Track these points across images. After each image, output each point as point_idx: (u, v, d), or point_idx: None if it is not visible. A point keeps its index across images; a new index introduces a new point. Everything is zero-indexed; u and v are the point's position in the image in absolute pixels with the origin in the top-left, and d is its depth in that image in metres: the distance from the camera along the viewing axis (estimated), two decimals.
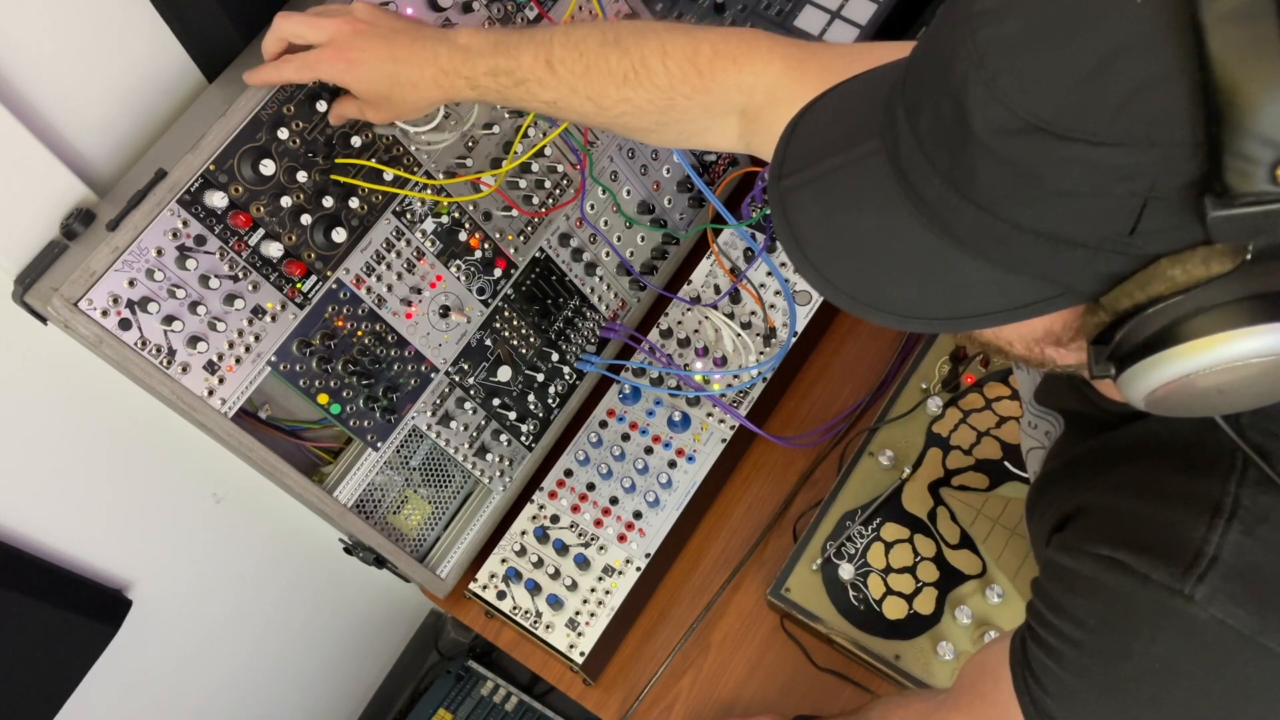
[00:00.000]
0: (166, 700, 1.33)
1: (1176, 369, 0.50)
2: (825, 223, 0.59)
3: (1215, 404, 0.53)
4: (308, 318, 1.04)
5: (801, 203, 0.60)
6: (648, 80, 0.86)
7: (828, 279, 0.59)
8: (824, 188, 0.59)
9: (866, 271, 0.58)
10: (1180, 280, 0.49)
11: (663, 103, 0.87)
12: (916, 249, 0.54)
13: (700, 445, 1.27)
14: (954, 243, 0.53)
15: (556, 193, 1.23)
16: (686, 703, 1.20)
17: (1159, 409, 0.54)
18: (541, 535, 1.24)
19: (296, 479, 1.06)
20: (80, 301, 0.88)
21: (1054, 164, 0.48)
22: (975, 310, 0.55)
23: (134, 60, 0.96)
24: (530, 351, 1.25)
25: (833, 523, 1.20)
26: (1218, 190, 0.45)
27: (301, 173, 1.00)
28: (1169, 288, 0.49)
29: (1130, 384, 0.53)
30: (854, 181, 0.57)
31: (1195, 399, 0.52)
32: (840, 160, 0.58)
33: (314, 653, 1.60)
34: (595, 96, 0.88)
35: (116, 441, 1.09)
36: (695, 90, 0.86)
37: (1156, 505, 0.61)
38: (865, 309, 0.58)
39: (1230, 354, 0.49)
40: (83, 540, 1.08)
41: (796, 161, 0.61)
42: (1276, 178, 0.44)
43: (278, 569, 1.41)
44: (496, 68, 0.89)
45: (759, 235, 1.35)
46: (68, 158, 0.91)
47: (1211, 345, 0.49)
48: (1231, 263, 0.48)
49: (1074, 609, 0.64)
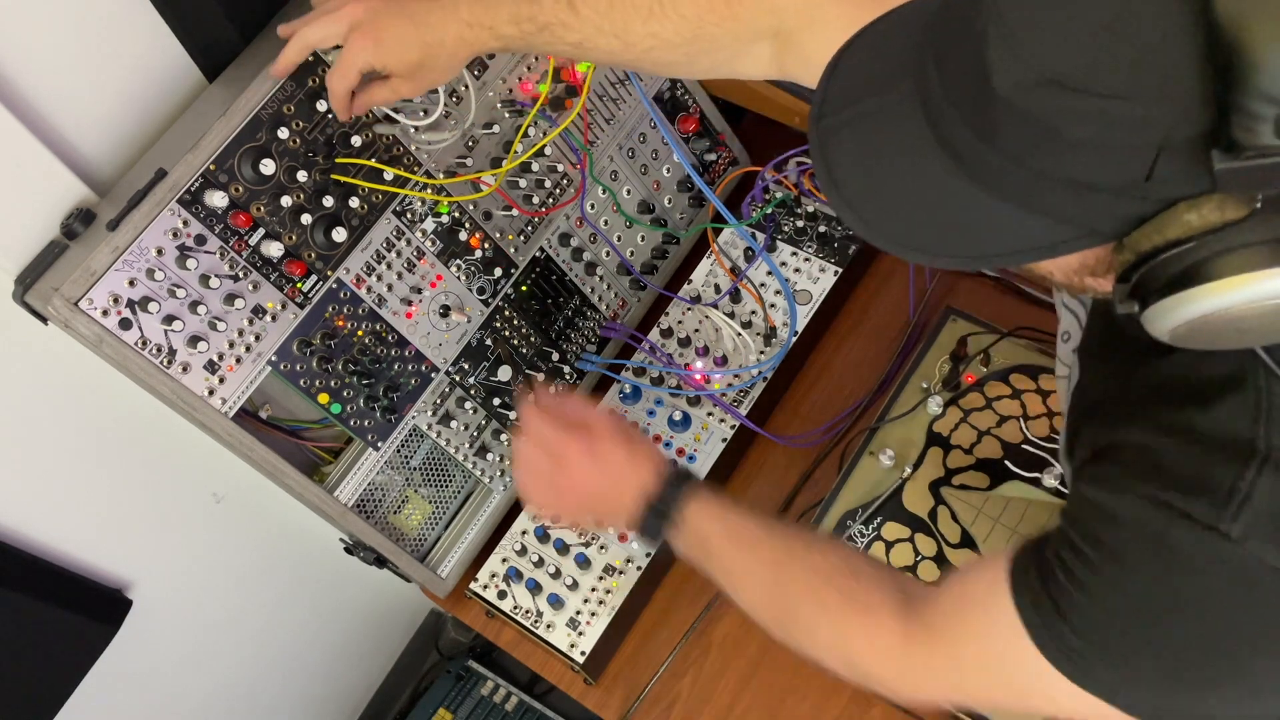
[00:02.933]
0: (166, 700, 1.33)
1: (1195, 308, 0.53)
2: (861, 164, 0.61)
3: (1234, 339, 0.56)
4: (308, 317, 1.04)
5: (840, 144, 0.61)
6: (674, 12, 0.85)
7: (864, 219, 0.61)
8: (861, 130, 0.61)
9: (900, 212, 0.60)
10: (1196, 225, 0.51)
11: (690, 33, 0.86)
12: (947, 192, 0.57)
13: (701, 445, 1.27)
14: (982, 188, 0.55)
15: (557, 192, 1.23)
16: (687, 702, 1.20)
17: (1182, 343, 0.57)
18: (542, 534, 1.24)
19: (297, 479, 1.06)
20: (81, 301, 0.88)
21: (1071, 116, 0.50)
22: (1004, 249, 0.58)
23: (134, 60, 0.96)
24: (530, 351, 1.25)
25: (833, 522, 1.20)
26: (1224, 144, 0.47)
27: (302, 172, 1.00)
28: (1185, 231, 0.52)
29: (1154, 320, 0.56)
30: (888, 125, 0.59)
31: (1215, 334, 0.55)
32: (876, 104, 0.60)
33: (314, 652, 1.60)
34: (621, 33, 0.87)
35: (117, 441, 1.09)
36: (723, 18, 0.85)
37: (1191, 445, 0.62)
38: (899, 248, 0.61)
39: (1245, 295, 0.52)
40: (83, 540, 1.08)
41: (835, 103, 0.62)
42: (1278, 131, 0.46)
43: (278, 569, 1.41)
44: (518, 14, 0.88)
45: (759, 235, 1.35)
46: (68, 158, 0.91)
47: (1230, 286, 0.52)
48: (1244, 210, 0.50)
49: (1112, 543, 0.64)
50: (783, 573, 0.88)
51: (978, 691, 0.81)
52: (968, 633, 0.76)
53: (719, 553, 0.91)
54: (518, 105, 1.16)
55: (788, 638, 0.88)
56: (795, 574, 0.88)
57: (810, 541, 0.90)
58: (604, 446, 0.93)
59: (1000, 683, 0.75)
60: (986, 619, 0.73)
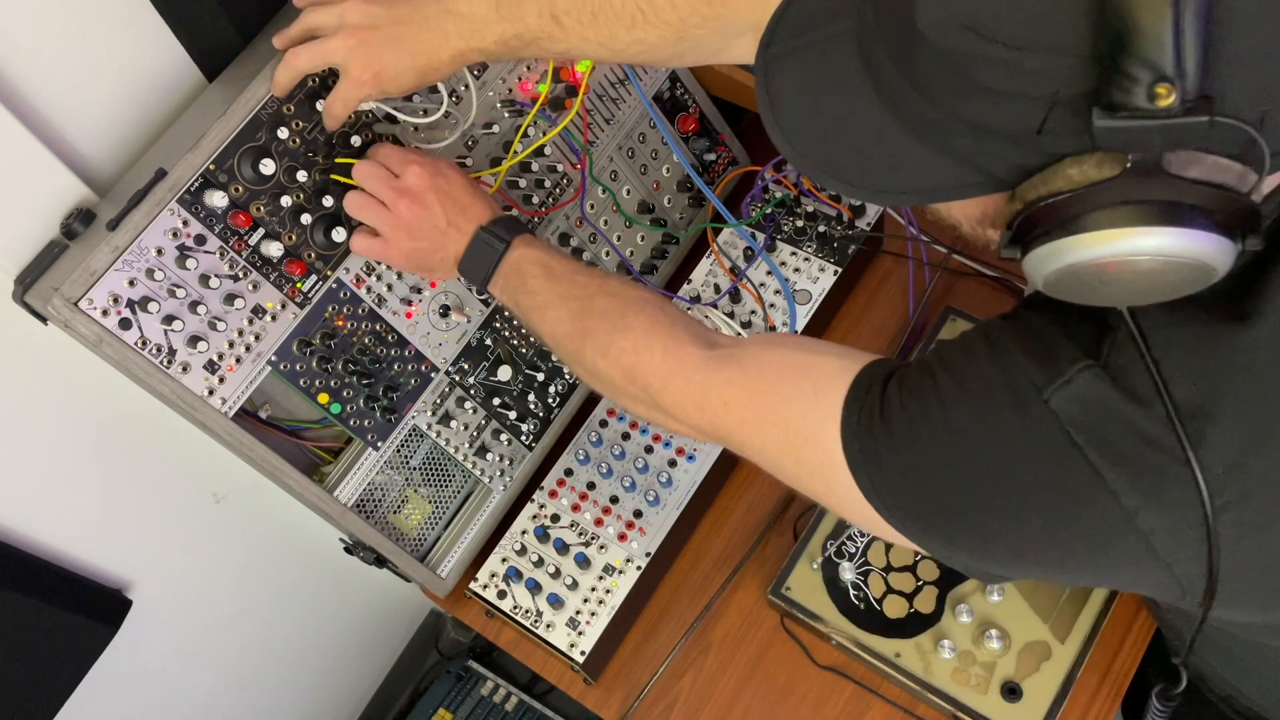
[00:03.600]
0: (166, 700, 1.33)
1: (1061, 259, 0.57)
2: (798, 93, 0.65)
3: (1099, 294, 0.59)
4: (308, 317, 1.04)
5: (782, 72, 0.66)
6: (656, 18, 0.87)
7: (794, 145, 0.65)
8: (801, 60, 0.65)
9: (828, 140, 0.64)
10: (1076, 179, 0.54)
11: (674, 36, 0.87)
12: (870, 125, 0.61)
13: (701, 444, 1.27)
14: (901, 123, 0.60)
15: (556, 192, 1.23)
16: (687, 702, 1.20)
17: (1053, 292, 0.60)
18: (542, 534, 1.24)
19: (297, 479, 1.06)
20: (80, 301, 0.88)
21: (979, 62, 0.53)
22: (913, 187, 0.62)
23: (134, 60, 0.96)
24: (530, 351, 1.25)
25: (833, 521, 1.20)
26: (1104, 102, 0.50)
27: (301, 172, 1.00)
28: (1066, 185, 0.55)
29: (1030, 268, 0.59)
30: (826, 56, 0.63)
31: (1081, 286, 0.59)
32: (818, 34, 0.64)
33: (314, 652, 1.60)
34: (607, 42, 0.89)
35: (116, 441, 1.09)
36: (706, 19, 0.86)
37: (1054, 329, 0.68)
38: (824, 175, 0.65)
39: (1100, 252, 0.55)
40: (83, 540, 1.08)
41: (784, 31, 0.67)
42: (1152, 96, 0.49)
43: (278, 569, 1.41)
44: (504, 35, 0.90)
45: (759, 234, 1.35)
46: (68, 157, 0.91)
47: (1089, 241, 0.55)
48: (1116, 169, 0.53)
49: (965, 373, 0.71)
50: (596, 301, 0.94)
51: (752, 438, 0.85)
52: (772, 393, 0.81)
53: (535, 288, 0.97)
54: (517, 105, 1.16)
55: (579, 354, 0.94)
56: (609, 302, 0.94)
57: (633, 283, 0.99)
58: (448, 178, 0.99)
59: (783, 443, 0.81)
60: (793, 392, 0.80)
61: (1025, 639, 1.11)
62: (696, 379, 0.87)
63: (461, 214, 1.00)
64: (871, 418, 0.74)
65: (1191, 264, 0.55)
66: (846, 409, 0.76)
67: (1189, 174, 0.53)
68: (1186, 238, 0.54)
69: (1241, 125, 0.50)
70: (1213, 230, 0.54)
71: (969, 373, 0.70)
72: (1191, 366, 0.62)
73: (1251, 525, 0.64)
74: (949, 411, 0.70)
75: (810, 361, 0.82)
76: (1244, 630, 0.80)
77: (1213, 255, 0.55)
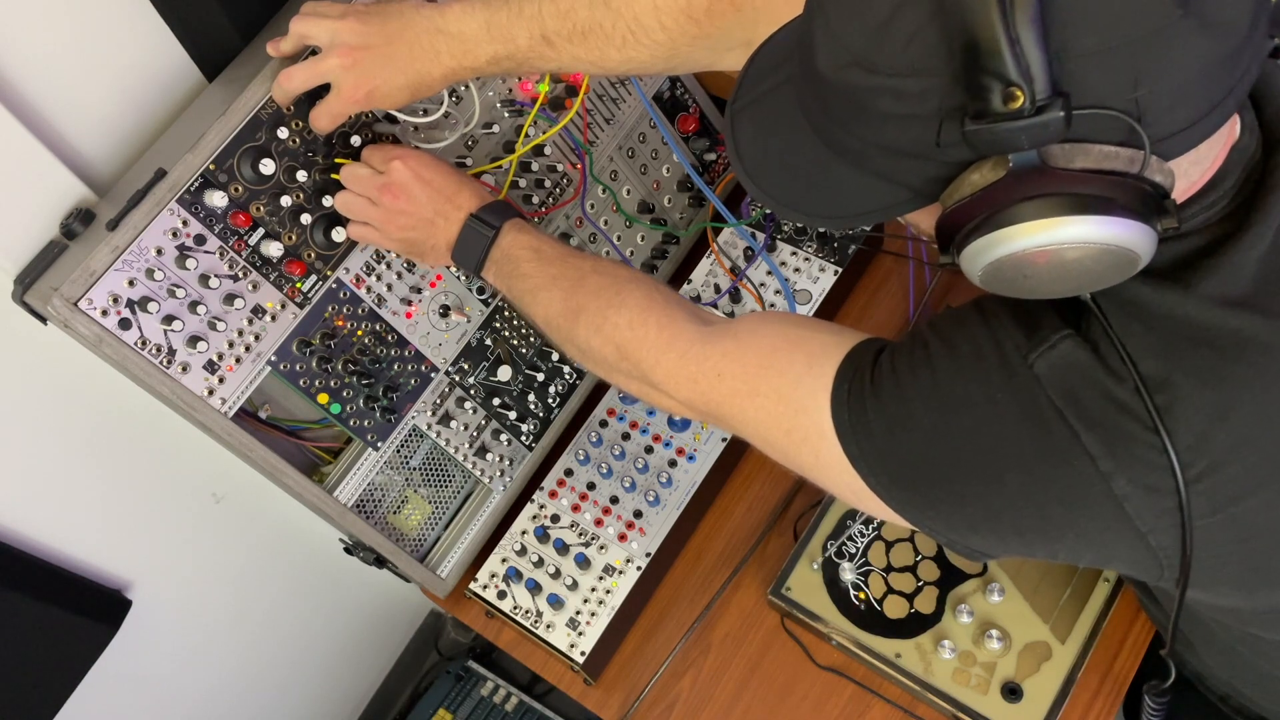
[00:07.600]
0: (166, 700, 1.33)
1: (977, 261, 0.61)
2: (754, 141, 0.71)
3: (1025, 286, 0.62)
4: (308, 317, 1.04)
5: (742, 124, 0.72)
6: (645, 39, 0.88)
7: (760, 187, 0.71)
8: (754, 112, 0.71)
9: (786, 179, 0.70)
10: (978, 184, 0.59)
11: (666, 54, 0.89)
12: (811, 159, 0.67)
13: (700, 444, 1.27)
14: (835, 154, 0.65)
15: (557, 192, 1.23)
16: (687, 702, 1.20)
17: (992, 289, 0.64)
18: (542, 534, 1.24)
19: (296, 479, 1.06)
20: (80, 301, 0.88)
21: (872, 92, 0.59)
22: (858, 209, 0.68)
23: (134, 60, 0.96)
24: (530, 351, 1.25)
25: (833, 522, 1.20)
26: (972, 112, 0.55)
27: (301, 172, 1.00)
28: (971, 190, 0.60)
29: (965, 270, 0.63)
30: (772, 105, 0.70)
31: (1009, 281, 0.62)
32: (767, 86, 0.70)
33: (314, 653, 1.60)
34: (598, 60, 0.90)
35: (116, 441, 1.09)
36: (695, 38, 0.87)
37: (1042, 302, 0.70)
38: (789, 211, 0.71)
39: (1003, 250, 0.59)
40: (83, 540, 1.08)
41: (746, 85, 0.73)
42: (1006, 99, 0.54)
43: (277, 569, 1.41)
44: (496, 55, 0.91)
45: (759, 234, 1.35)
46: (67, 158, 0.91)
47: (996, 241, 0.59)
48: (1002, 171, 0.58)
49: (955, 339, 0.73)
50: (589, 280, 0.96)
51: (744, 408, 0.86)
52: (770, 364, 0.83)
53: (527, 271, 0.99)
54: (517, 105, 1.16)
55: (572, 331, 0.96)
56: (602, 280, 0.96)
57: (624, 264, 1.01)
58: (431, 169, 1.01)
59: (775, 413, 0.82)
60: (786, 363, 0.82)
61: (1026, 639, 1.11)
62: (691, 353, 0.88)
63: (449, 202, 1.01)
64: (862, 386, 0.76)
65: (1102, 249, 0.58)
66: (838, 380, 0.77)
67: (1075, 165, 0.57)
68: (1074, 225, 0.57)
69: (1102, 111, 0.54)
70: (1111, 214, 0.57)
71: (960, 338, 0.73)
72: (1151, 341, 0.65)
73: (1224, 498, 0.66)
74: (938, 374, 0.73)
75: (805, 336, 0.84)
76: (1235, 620, 0.81)
77: (1114, 237, 0.58)
